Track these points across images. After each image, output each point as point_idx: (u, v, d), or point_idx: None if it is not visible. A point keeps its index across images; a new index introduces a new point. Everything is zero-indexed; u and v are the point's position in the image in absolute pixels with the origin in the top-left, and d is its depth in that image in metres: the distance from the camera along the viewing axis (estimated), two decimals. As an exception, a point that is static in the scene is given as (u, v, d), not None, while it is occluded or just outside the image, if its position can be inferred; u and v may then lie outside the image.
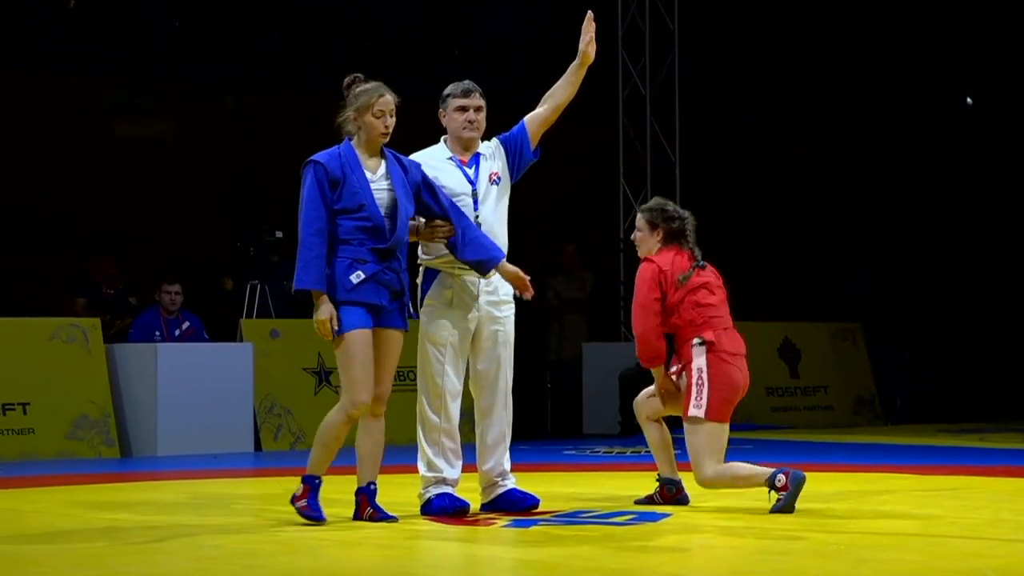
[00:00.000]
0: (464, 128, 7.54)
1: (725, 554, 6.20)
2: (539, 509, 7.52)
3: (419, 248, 7.57)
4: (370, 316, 7.11)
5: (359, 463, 7.25)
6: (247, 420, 13.06)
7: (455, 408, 7.49)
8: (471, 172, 7.53)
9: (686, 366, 7.67)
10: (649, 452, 7.94)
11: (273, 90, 17.04)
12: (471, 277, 7.46)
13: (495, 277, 7.45)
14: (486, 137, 7.69)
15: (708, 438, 7.54)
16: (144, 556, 6.34)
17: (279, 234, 13.97)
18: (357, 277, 7.05)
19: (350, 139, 7.24)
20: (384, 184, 7.17)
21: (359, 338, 7.09)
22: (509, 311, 7.59)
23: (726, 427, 7.64)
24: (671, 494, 7.91)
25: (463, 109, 7.54)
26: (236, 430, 12.96)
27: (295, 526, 7.12)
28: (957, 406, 17.54)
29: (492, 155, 7.63)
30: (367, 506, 7.22)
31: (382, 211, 7.11)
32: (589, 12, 7.71)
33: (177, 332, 13.37)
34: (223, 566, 5.99)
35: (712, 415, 7.54)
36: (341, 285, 7.06)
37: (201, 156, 16.45)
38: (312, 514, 7.11)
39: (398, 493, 8.02)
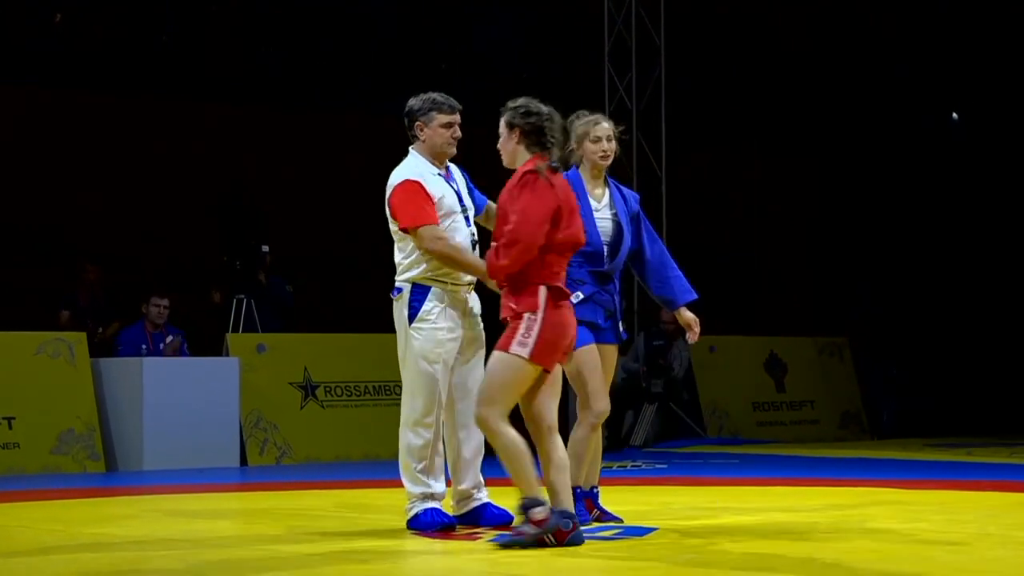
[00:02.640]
0: (450, 144, 7.53)
1: (711, 568, 6.19)
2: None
3: (403, 263, 7.51)
4: (591, 332, 7.50)
5: (585, 466, 7.59)
6: (233, 435, 13.04)
7: (441, 423, 7.48)
8: (455, 187, 7.55)
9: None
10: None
11: (263, 105, 17.04)
12: (461, 292, 7.47)
13: (471, 295, 7.56)
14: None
15: (515, 380, 6.70)
16: (130, 571, 6.33)
17: (265, 248, 13.96)
18: (576, 297, 7.38)
19: (577, 167, 7.61)
20: (608, 213, 7.65)
21: (591, 352, 7.50)
22: (481, 323, 7.60)
23: (531, 379, 6.76)
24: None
25: (450, 125, 7.54)
26: (222, 445, 12.94)
27: (281, 541, 7.11)
28: (943, 421, 17.57)
29: (459, 175, 7.66)
30: (593, 507, 7.63)
31: (604, 238, 7.57)
32: None
33: (162, 345, 13.36)
34: (209, 581, 5.99)
35: (536, 358, 6.70)
36: None
37: (190, 171, 16.43)
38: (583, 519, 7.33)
39: (382, 507, 8.02)
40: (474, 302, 7.56)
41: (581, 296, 7.44)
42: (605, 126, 7.64)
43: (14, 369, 12.41)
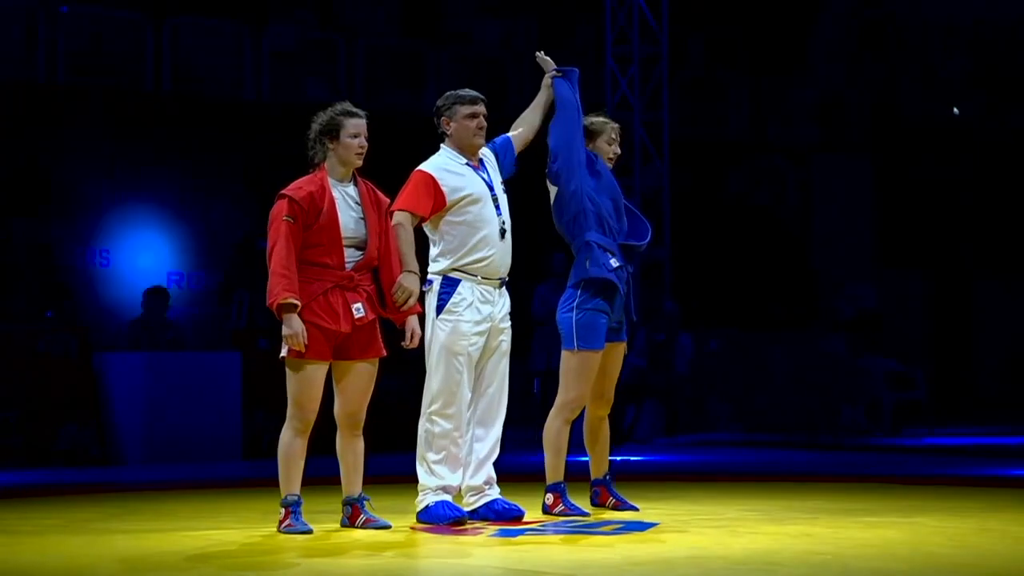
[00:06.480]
0: (476, 135, 7.61)
1: (712, 564, 6.21)
2: (524, 519, 7.54)
3: (433, 256, 7.58)
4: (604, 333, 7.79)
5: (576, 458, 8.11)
6: (235, 429, 13.05)
7: (467, 416, 7.51)
8: (486, 177, 7.60)
9: None
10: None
11: (260, 99, 17.03)
12: (492, 288, 7.52)
13: (502, 291, 7.61)
14: None
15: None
16: (131, 565, 6.34)
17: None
18: (615, 262, 7.73)
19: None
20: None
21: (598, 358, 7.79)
22: (509, 323, 7.65)
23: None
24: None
25: (473, 116, 7.60)
26: (224, 439, 12.94)
27: (283, 535, 7.13)
28: (943, 415, 17.57)
29: (491, 161, 7.72)
30: (608, 496, 8.06)
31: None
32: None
33: (169, 336, 13.44)
34: (211, 575, 6.01)
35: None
36: (602, 265, 7.69)
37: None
38: (574, 510, 7.73)
39: (388, 500, 8.04)
40: (504, 300, 7.62)
41: (616, 264, 7.69)
42: (616, 126, 8.00)
43: (16, 364, 12.42)
